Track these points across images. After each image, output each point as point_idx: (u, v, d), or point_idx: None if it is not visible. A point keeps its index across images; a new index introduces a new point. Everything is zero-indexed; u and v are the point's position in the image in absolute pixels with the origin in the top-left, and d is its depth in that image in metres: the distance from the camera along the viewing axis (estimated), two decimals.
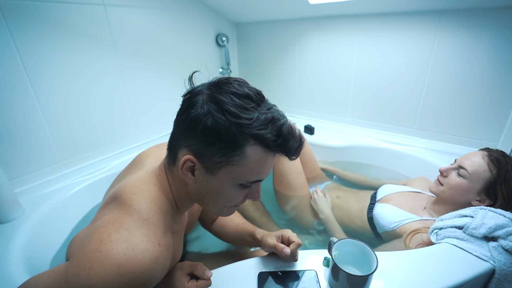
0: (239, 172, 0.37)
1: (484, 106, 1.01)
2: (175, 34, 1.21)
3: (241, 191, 0.41)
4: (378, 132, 1.28)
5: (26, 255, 0.65)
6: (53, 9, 0.83)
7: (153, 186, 0.42)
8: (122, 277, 0.33)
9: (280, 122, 0.37)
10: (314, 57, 1.35)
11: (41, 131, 0.87)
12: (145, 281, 0.35)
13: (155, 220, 0.39)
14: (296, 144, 0.38)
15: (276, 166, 0.96)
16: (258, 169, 0.38)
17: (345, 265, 0.50)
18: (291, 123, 0.40)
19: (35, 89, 0.83)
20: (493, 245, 0.54)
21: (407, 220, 0.72)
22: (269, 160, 0.39)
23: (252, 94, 0.37)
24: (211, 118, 0.35)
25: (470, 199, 0.67)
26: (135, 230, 0.36)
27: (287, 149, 0.38)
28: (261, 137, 0.36)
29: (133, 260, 0.34)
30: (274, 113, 0.38)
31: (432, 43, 1.03)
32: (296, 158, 0.41)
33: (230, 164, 0.37)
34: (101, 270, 0.32)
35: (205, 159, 0.37)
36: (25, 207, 0.77)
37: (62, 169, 0.95)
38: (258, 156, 0.37)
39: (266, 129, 0.36)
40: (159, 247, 0.37)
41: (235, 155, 0.36)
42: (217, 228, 0.70)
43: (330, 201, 0.91)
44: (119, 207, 0.38)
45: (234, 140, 0.35)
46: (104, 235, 0.35)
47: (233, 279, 0.51)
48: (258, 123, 0.35)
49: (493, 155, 0.65)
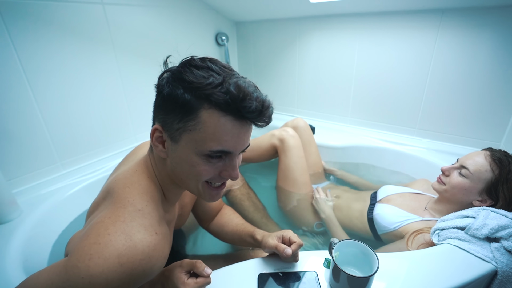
0: (198, 139, 0.37)
1: (486, 106, 1.00)
2: (174, 33, 1.20)
3: (211, 164, 0.40)
4: (379, 132, 1.27)
5: (24, 256, 0.65)
6: (51, 8, 0.82)
7: (142, 175, 0.43)
8: (123, 266, 0.33)
9: (234, 80, 0.36)
10: (315, 57, 1.34)
11: (39, 131, 0.86)
12: (146, 269, 0.35)
13: (149, 209, 0.40)
14: (255, 105, 0.36)
15: (283, 160, 0.96)
16: (218, 135, 0.37)
17: (346, 266, 0.50)
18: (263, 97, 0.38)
19: (33, 89, 0.83)
20: (495, 246, 0.54)
21: (409, 221, 0.72)
22: (229, 125, 0.37)
23: (213, 66, 0.37)
24: (167, 86, 0.37)
25: (471, 199, 0.66)
26: (131, 222, 0.37)
27: (243, 109, 0.36)
28: (212, 97, 0.35)
29: (132, 249, 0.34)
30: (231, 78, 0.36)
31: (433, 42, 1.02)
32: (262, 125, 0.40)
33: (187, 130, 0.37)
34: (100, 261, 0.32)
35: (167, 127, 0.39)
36: (23, 207, 0.77)
37: (60, 169, 0.95)
38: (215, 120, 0.36)
39: (216, 88, 0.35)
40: (156, 235, 0.38)
41: (190, 120, 0.37)
42: (215, 228, 0.69)
43: (331, 200, 0.91)
44: (113, 202, 0.39)
45: (188, 104, 0.36)
46: (102, 229, 0.35)
47: (233, 280, 0.51)
48: (210, 86, 0.35)
49: (495, 155, 0.65)
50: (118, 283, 0.33)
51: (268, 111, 0.39)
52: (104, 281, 0.32)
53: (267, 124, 0.40)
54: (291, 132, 0.98)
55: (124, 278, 0.34)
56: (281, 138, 0.97)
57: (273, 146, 0.99)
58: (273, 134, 1.01)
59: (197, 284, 0.42)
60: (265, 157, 1.04)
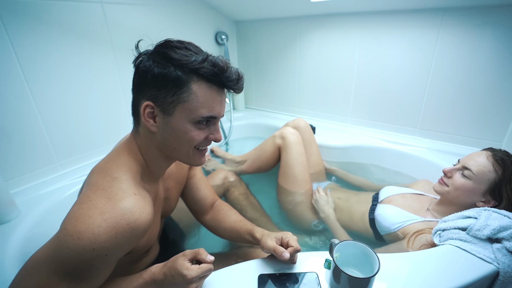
0: (191, 108, 0.43)
1: (488, 105, 1.00)
2: (174, 32, 1.20)
3: (200, 130, 0.46)
4: (380, 132, 1.27)
5: (22, 257, 0.65)
6: (50, 7, 0.82)
7: (123, 152, 0.48)
8: (107, 221, 0.37)
9: (215, 57, 0.44)
10: (315, 56, 1.33)
11: (37, 131, 0.86)
12: (130, 223, 0.39)
13: (126, 176, 0.44)
14: (234, 75, 0.44)
15: (283, 158, 0.97)
16: (208, 103, 0.44)
17: (347, 267, 0.49)
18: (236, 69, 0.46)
19: (31, 88, 0.82)
20: (497, 247, 0.53)
21: (410, 221, 0.71)
22: (215, 94, 0.44)
23: (189, 47, 0.44)
24: (156, 66, 0.42)
25: (475, 200, 0.66)
26: (110, 188, 0.41)
27: (225, 79, 0.44)
28: (201, 70, 0.42)
29: (113, 206, 0.38)
30: (210, 55, 0.43)
31: (435, 41, 1.02)
32: (238, 91, 0.47)
33: (181, 102, 0.43)
34: (85, 219, 0.36)
35: (160, 102, 0.43)
36: (21, 208, 0.76)
37: (59, 169, 0.94)
38: (204, 90, 0.43)
39: (203, 63, 0.42)
40: (135, 196, 0.42)
41: (183, 92, 0.42)
42: (212, 223, 0.70)
43: (332, 200, 0.91)
44: (94, 177, 0.44)
45: (179, 79, 0.41)
46: (84, 198, 0.40)
47: (233, 281, 0.50)
48: (196, 62, 0.42)
49: (497, 155, 0.64)
50: (105, 237, 0.36)
51: (242, 80, 0.47)
52: (91, 235, 0.36)
53: (240, 91, 0.48)
54: (291, 129, 1.00)
55: (110, 232, 0.37)
56: (282, 136, 0.99)
57: (277, 147, 1.00)
58: (274, 136, 1.03)
59: (200, 269, 0.43)
60: (272, 162, 1.05)
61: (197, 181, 0.70)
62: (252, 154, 1.13)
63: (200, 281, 0.45)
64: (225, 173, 1.01)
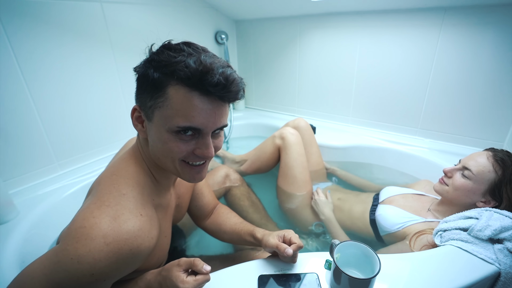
0: (167, 115, 0.38)
1: (489, 105, 0.99)
2: (173, 31, 1.19)
3: (183, 142, 0.40)
4: (381, 132, 1.26)
5: (21, 257, 0.64)
6: (49, 6, 0.81)
7: (130, 161, 0.45)
8: (109, 246, 0.35)
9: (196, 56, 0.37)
10: (316, 55, 1.33)
11: (36, 131, 0.85)
12: (132, 248, 0.37)
13: (134, 194, 0.41)
14: (216, 78, 0.36)
15: (283, 158, 0.97)
16: (185, 111, 0.38)
17: (347, 267, 0.49)
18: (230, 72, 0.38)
19: (29, 88, 0.82)
20: (499, 248, 0.53)
21: (411, 222, 0.71)
22: (196, 101, 0.37)
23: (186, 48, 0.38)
24: (141, 68, 0.40)
25: (475, 201, 0.66)
26: (116, 205, 0.38)
27: (205, 82, 0.36)
28: (175, 73, 0.36)
29: (117, 229, 0.36)
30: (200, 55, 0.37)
31: (436, 40, 1.01)
32: (231, 100, 0.41)
33: (158, 107, 0.39)
34: (87, 241, 0.34)
35: (143, 106, 0.41)
36: (20, 208, 0.76)
37: (58, 169, 0.94)
38: (181, 96, 0.37)
39: (179, 65, 0.36)
40: (141, 217, 0.40)
41: (159, 96, 0.38)
42: (212, 227, 0.69)
43: (331, 202, 0.90)
44: (100, 189, 0.41)
45: (156, 82, 0.38)
46: (87, 214, 0.37)
47: (233, 282, 0.50)
48: (177, 63, 0.36)
49: (498, 155, 0.64)
50: (106, 262, 0.35)
51: (233, 85, 0.38)
52: (92, 260, 0.34)
53: (236, 99, 0.41)
54: (291, 130, 0.99)
55: (111, 257, 0.35)
56: (282, 136, 0.98)
57: (277, 147, 1.00)
58: (274, 136, 1.02)
59: (196, 281, 0.41)
60: (272, 162, 1.04)
61: (202, 187, 0.68)
62: (251, 154, 1.13)
63: None
64: (226, 169, 0.98)
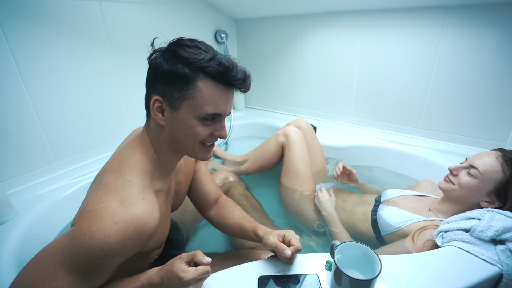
0: (196, 105, 0.45)
1: (491, 105, 0.99)
2: (173, 30, 1.18)
3: (206, 126, 0.48)
4: (382, 131, 1.26)
5: (19, 258, 0.64)
6: (47, 5, 0.81)
7: (136, 149, 0.50)
8: (117, 224, 0.40)
9: (221, 56, 0.45)
10: (316, 55, 1.32)
11: (34, 131, 0.85)
12: (137, 227, 0.42)
13: (137, 180, 0.46)
14: (240, 74, 0.46)
15: (286, 155, 0.98)
16: (213, 101, 0.46)
17: (348, 268, 0.49)
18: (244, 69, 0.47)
19: (28, 87, 0.81)
20: (501, 249, 0.53)
21: (412, 221, 0.71)
22: (220, 92, 0.46)
23: (200, 45, 0.45)
24: (166, 63, 0.44)
25: (479, 200, 0.65)
26: (122, 191, 0.44)
27: (231, 78, 0.45)
28: (207, 69, 0.43)
29: (124, 211, 0.41)
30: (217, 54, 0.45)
31: (437, 40, 1.01)
32: (245, 90, 0.49)
33: (187, 98, 0.45)
34: (98, 221, 0.40)
35: (167, 97, 0.46)
36: (18, 209, 0.76)
37: (56, 170, 0.93)
38: (209, 88, 0.45)
39: (210, 62, 0.44)
40: (143, 201, 0.45)
41: (189, 89, 0.44)
42: (217, 218, 0.71)
43: (334, 199, 0.90)
44: (108, 176, 0.46)
45: (186, 77, 0.44)
46: (97, 199, 0.42)
47: (233, 283, 0.50)
48: (204, 61, 0.43)
49: (507, 155, 0.63)
50: (114, 239, 0.40)
51: (249, 79, 0.48)
52: (102, 236, 0.39)
53: (247, 90, 0.49)
54: (294, 128, 1.00)
55: (119, 235, 0.40)
56: (285, 134, 0.99)
57: (280, 145, 1.01)
58: (277, 134, 1.03)
59: (197, 271, 0.43)
60: (274, 160, 1.05)
61: (201, 175, 0.71)
62: (253, 153, 1.13)
63: (198, 283, 0.45)
64: (225, 173, 1.01)
